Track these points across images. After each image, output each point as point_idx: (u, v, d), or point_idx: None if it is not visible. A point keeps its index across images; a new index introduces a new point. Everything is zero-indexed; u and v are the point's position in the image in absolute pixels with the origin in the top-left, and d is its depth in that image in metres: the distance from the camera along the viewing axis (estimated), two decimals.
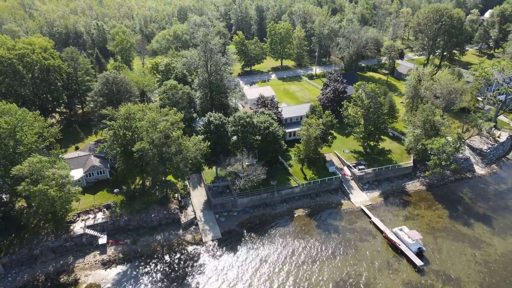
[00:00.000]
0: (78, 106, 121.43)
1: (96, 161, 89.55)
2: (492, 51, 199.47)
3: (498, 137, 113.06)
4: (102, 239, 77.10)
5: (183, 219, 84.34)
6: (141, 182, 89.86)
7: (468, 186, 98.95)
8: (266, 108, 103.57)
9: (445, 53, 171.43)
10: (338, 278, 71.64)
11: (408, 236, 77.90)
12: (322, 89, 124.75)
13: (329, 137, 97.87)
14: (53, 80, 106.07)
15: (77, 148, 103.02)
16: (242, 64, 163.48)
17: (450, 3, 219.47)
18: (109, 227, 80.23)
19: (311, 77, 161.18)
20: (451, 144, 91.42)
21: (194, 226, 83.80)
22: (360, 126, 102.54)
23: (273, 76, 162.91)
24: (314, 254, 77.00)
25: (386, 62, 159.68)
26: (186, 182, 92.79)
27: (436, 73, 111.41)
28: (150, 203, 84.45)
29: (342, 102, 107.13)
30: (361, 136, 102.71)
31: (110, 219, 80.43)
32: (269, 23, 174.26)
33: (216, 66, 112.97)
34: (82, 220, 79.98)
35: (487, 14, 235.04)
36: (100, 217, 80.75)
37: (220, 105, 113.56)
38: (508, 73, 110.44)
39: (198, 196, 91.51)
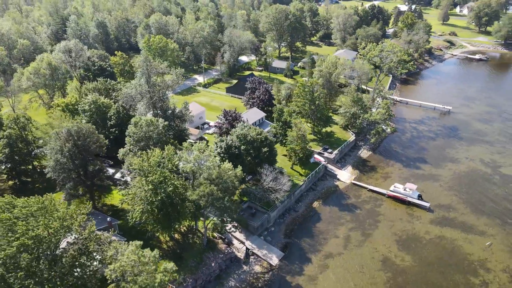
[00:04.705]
0: None
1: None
2: (311, 40, 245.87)
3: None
4: None
5: (239, 254, 78.11)
6: (168, 238, 76.40)
7: (391, 142, 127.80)
8: (238, 121, 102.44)
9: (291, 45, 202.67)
10: (392, 240, 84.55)
11: (405, 188, 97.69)
12: (248, 94, 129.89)
13: None
14: None
15: None
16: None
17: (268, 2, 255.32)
18: None
19: (204, 86, 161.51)
20: (385, 113, 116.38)
21: (252, 256, 79.01)
22: (309, 116, 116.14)
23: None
24: (362, 232, 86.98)
25: (260, 60, 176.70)
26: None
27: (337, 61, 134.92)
28: (200, 254, 74.07)
29: (293, 100, 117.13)
30: (314, 124, 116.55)
31: None
32: (142, 37, 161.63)
33: (159, 92, 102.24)
34: None
35: None
36: None
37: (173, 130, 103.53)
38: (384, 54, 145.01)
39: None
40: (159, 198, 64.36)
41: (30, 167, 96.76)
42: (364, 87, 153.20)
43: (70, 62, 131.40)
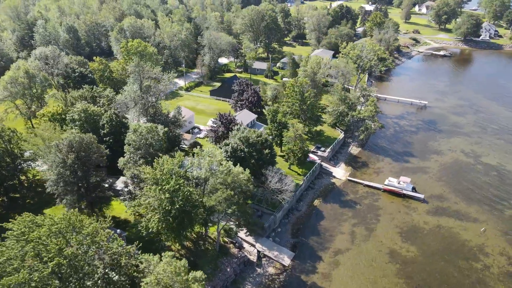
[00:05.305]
0: None
1: None
2: (284, 40, 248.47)
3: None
4: None
5: (252, 257, 77.82)
6: (180, 246, 74.77)
7: (377, 138, 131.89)
8: (233, 124, 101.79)
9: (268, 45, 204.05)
10: (395, 232, 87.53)
11: (399, 182, 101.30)
12: (236, 96, 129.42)
13: None
14: None
15: None
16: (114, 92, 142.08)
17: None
18: None
19: (186, 89, 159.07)
20: (372, 109, 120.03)
21: (264, 259, 79.00)
22: (300, 116, 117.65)
23: None
24: (366, 226, 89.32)
25: (239, 61, 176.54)
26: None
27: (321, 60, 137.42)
28: (214, 260, 73.14)
29: (283, 100, 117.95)
30: (306, 123, 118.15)
31: None
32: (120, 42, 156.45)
33: (152, 97, 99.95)
34: None
35: None
36: None
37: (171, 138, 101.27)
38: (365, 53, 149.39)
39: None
40: (176, 206, 62.87)
41: (17, 182, 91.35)
42: (345, 85, 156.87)
43: (47, 70, 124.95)
